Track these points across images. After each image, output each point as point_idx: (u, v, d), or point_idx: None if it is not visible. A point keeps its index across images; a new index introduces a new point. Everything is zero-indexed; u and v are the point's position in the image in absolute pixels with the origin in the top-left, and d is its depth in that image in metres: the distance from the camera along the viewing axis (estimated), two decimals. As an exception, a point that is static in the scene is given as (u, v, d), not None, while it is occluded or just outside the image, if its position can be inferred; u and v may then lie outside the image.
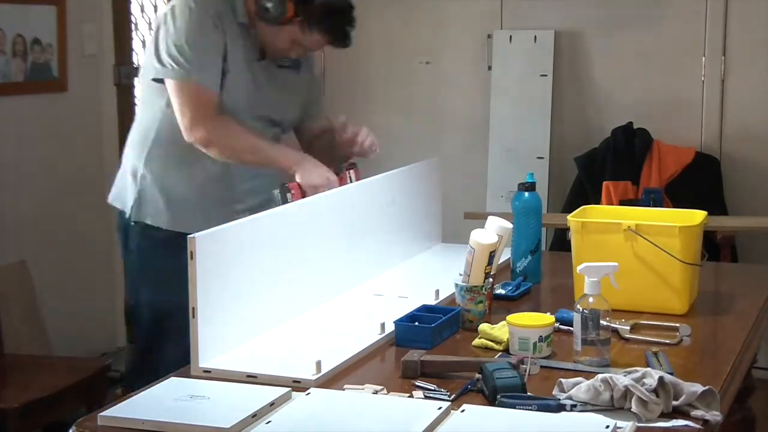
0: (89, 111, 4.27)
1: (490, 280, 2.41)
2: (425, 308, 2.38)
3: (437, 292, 2.54)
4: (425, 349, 2.15)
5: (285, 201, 2.56)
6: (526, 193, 2.75)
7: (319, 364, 2.02)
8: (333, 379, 2.03)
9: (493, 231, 2.47)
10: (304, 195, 2.57)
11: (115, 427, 1.83)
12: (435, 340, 2.23)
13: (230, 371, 2.05)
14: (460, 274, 2.42)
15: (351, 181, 2.75)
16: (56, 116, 4.11)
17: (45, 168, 4.06)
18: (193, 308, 2.05)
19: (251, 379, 2.01)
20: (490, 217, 2.59)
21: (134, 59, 4.56)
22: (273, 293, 2.31)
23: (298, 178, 2.61)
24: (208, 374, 2.05)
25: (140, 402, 1.92)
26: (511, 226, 2.61)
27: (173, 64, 2.60)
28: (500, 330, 2.22)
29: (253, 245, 2.24)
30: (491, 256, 2.40)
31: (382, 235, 2.80)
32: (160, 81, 2.65)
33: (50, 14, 4.03)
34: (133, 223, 2.74)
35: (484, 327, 2.25)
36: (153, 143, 2.73)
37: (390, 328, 2.28)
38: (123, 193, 2.78)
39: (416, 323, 2.28)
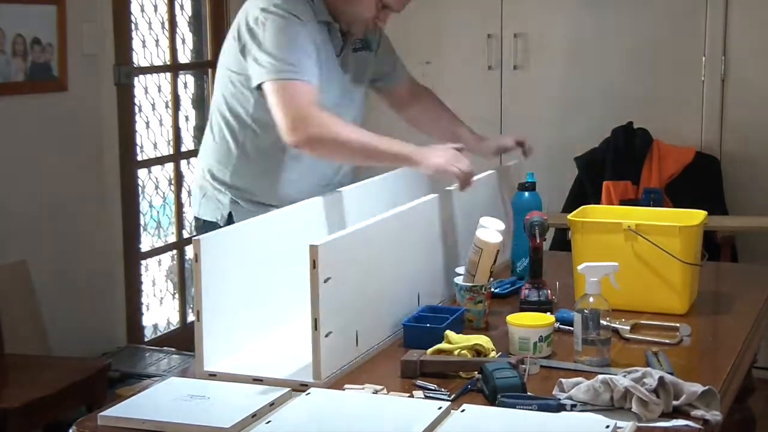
0: (89, 111, 4.26)
1: (491, 280, 2.41)
2: (429, 309, 2.37)
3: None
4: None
5: None
6: (527, 193, 2.74)
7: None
8: (336, 379, 2.03)
9: (494, 230, 2.46)
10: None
11: (115, 427, 1.83)
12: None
13: (236, 374, 2.04)
14: (460, 274, 2.42)
15: None
16: (56, 116, 4.11)
17: (45, 168, 4.06)
18: (198, 311, 2.05)
19: (257, 382, 2.00)
20: (482, 218, 2.53)
21: (134, 59, 4.56)
22: (278, 295, 2.30)
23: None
24: (214, 377, 2.05)
25: (140, 402, 1.93)
26: (503, 226, 2.56)
27: (274, 63, 2.51)
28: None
29: (258, 247, 2.23)
30: (497, 255, 2.39)
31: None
32: (257, 88, 2.56)
33: (50, 14, 4.03)
34: None
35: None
36: (237, 158, 2.69)
37: (397, 327, 2.28)
38: (213, 205, 2.72)
39: (426, 324, 2.26)
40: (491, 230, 2.43)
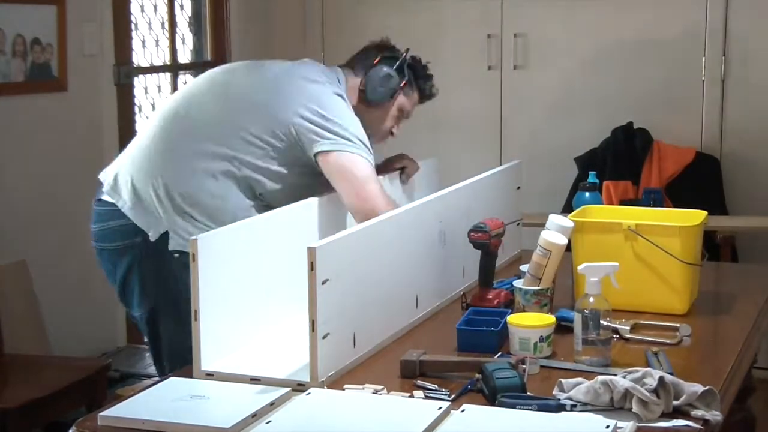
0: (89, 111, 4.26)
1: (554, 282, 2.39)
2: (474, 311, 2.35)
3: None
4: (490, 353, 2.11)
5: None
6: (587, 194, 2.71)
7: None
8: (334, 380, 2.03)
9: (556, 231, 2.40)
10: None
11: (115, 427, 1.83)
12: (500, 344, 2.19)
13: (233, 374, 2.04)
14: (520, 278, 2.40)
15: None
16: (56, 116, 4.11)
17: (45, 168, 4.06)
18: (195, 311, 2.05)
19: (254, 382, 2.00)
20: (551, 216, 2.46)
21: (134, 59, 4.56)
22: (275, 295, 2.30)
23: None
24: (211, 377, 2.04)
25: (140, 402, 1.93)
26: (572, 224, 2.45)
27: (359, 140, 2.59)
28: None
29: (255, 247, 2.23)
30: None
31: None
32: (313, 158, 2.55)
33: (50, 14, 4.03)
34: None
35: None
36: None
37: (395, 329, 2.28)
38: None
39: (482, 327, 2.23)
40: (553, 231, 2.38)
